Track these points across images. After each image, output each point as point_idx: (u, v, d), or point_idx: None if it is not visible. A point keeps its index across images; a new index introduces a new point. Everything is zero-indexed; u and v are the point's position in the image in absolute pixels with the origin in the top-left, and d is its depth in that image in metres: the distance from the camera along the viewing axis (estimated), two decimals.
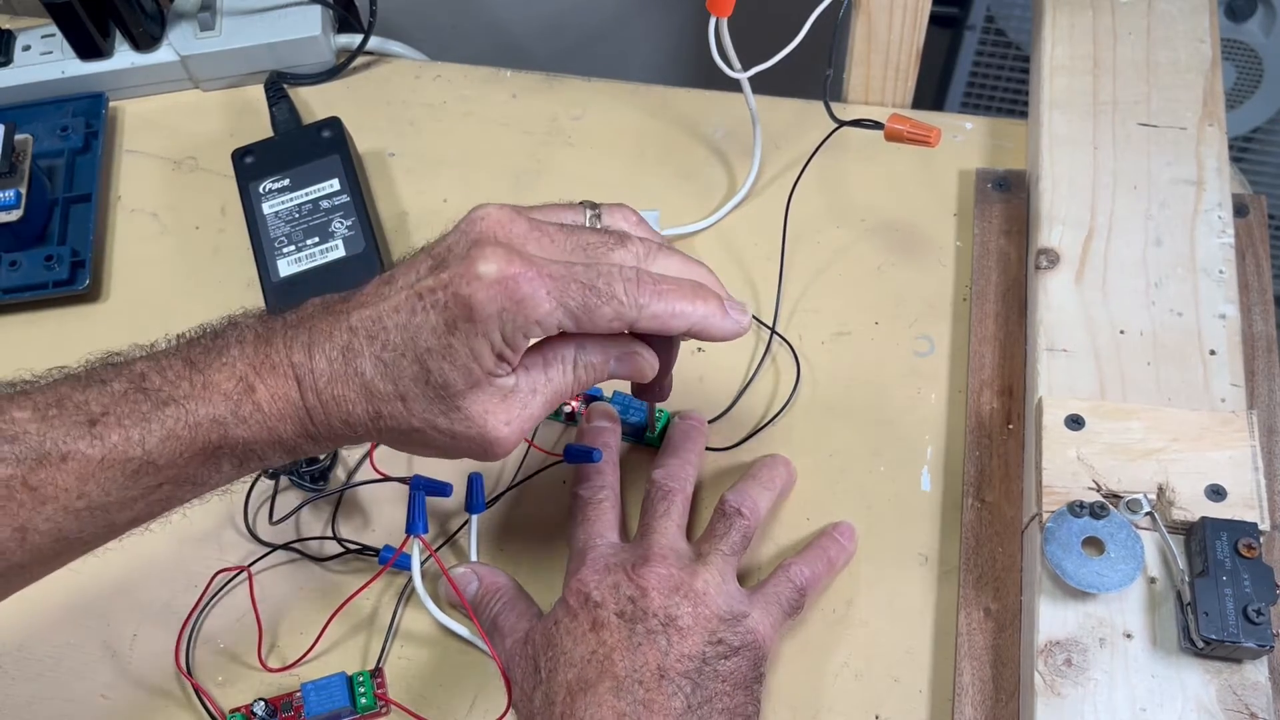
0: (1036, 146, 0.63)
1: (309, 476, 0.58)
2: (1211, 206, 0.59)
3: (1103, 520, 0.49)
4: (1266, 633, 0.46)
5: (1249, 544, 0.48)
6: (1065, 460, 0.52)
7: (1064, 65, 0.64)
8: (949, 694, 0.52)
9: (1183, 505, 0.50)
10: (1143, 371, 0.55)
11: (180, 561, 0.58)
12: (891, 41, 0.66)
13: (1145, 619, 0.49)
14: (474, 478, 0.55)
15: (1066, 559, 0.49)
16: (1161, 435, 0.52)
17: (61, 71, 0.71)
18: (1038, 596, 0.50)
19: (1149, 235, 0.59)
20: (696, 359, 0.62)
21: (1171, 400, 0.54)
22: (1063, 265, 0.58)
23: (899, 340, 0.62)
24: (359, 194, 0.64)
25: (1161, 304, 0.57)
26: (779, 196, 0.66)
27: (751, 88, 0.64)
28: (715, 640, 0.48)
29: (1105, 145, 0.62)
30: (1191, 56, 0.64)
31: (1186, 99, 0.63)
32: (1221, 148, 0.61)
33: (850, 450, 0.59)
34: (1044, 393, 0.55)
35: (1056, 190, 0.61)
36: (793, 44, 0.61)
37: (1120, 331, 0.56)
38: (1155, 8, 0.65)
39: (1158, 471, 0.51)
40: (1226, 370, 0.55)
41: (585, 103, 0.72)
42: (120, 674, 0.55)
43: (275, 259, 0.62)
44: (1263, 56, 0.98)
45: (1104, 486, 0.51)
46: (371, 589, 0.55)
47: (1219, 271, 0.57)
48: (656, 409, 0.58)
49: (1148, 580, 0.50)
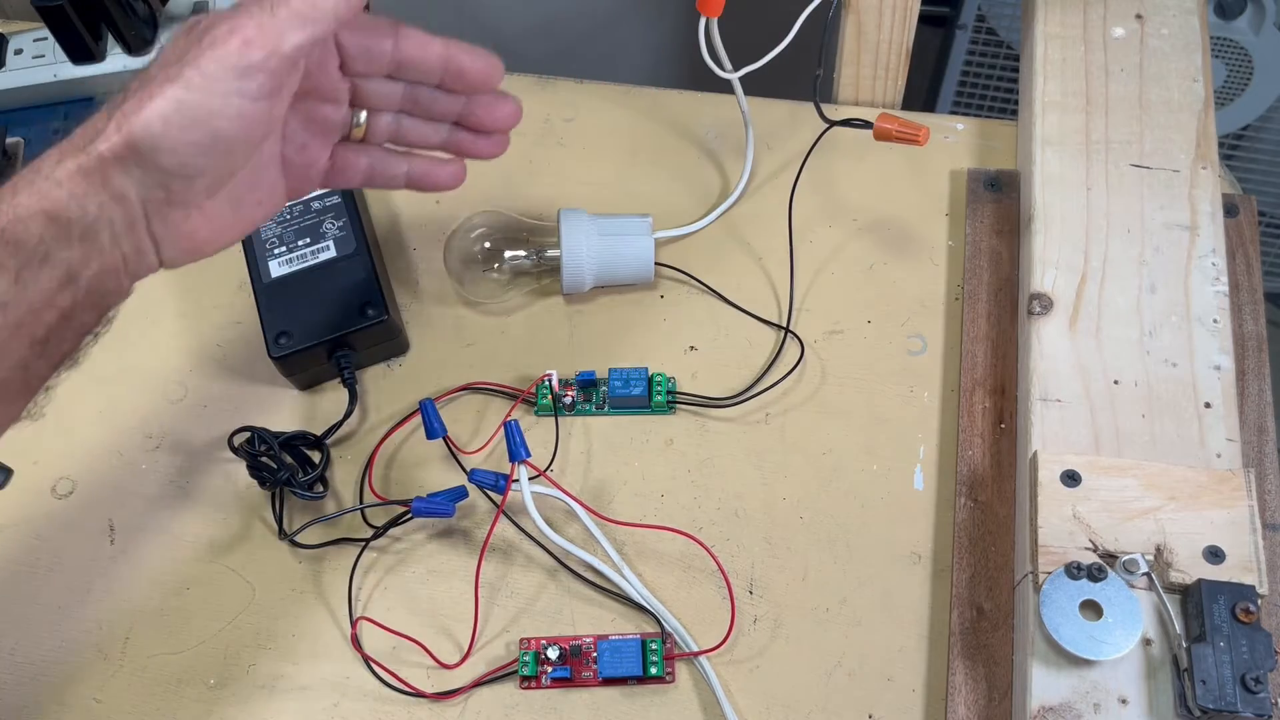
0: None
1: (306, 485, 0.57)
2: (1205, 253, 0.58)
3: (1101, 583, 0.48)
4: (1265, 702, 0.45)
5: (1247, 609, 0.47)
6: (1061, 518, 0.51)
7: (1056, 101, 0.63)
8: (942, 693, 0.53)
9: (1180, 567, 0.49)
10: (1137, 424, 0.54)
11: (175, 564, 0.58)
12: (881, 41, 0.66)
13: (1141, 685, 0.48)
14: (510, 425, 0.55)
15: (1064, 624, 0.48)
16: (1158, 493, 0.51)
17: (53, 75, 0.71)
18: (1030, 659, 0.49)
19: (1143, 281, 0.58)
20: (691, 357, 0.62)
21: (1167, 455, 0.53)
22: (1056, 311, 0.57)
23: (892, 339, 0.62)
24: (350, 194, 0.64)
25: (1156, 354, 0.56)
26: (773, 197, 0.67)
27: (742, 88, 0.64)
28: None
29: (1098, 186, 0.61)
30: (1184, 95, 0.63)
31: (1179, 140, 0.62)
32: (1215, 192, 0.60)
33: (844, 449, 0.59)
34: (1038, 445, 0.54)
35: (1049, 232, 0.60)
36: (783, 44, 0.61)
37: (1114, 382, 0.55)
38: (1148, 44, 0.65)
39: (1155, 531, 0.50)
40: (1222, 424, 0.54)
41: (577, 104, 0.72)
42: (112, 677, 0.55)
43: (266, 260, 0.62)
44: (1252, 54, 0.99)
45: (1100, 546, 0.50)
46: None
47: (1213, 321, 0.56)
48: (654, 374, 0.60)
49: (1144, 643, 0.49)
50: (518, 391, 0.61)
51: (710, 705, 0.53)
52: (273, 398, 0.62)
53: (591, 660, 0.54)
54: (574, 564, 0.56)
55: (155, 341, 0.64)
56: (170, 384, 0.63)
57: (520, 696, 0.54)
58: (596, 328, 0.64)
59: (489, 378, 0.62)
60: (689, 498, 0.58)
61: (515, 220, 0.64)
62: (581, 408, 0.61)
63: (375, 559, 0.57)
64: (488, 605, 0.56)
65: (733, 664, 0.54)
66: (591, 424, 0.61)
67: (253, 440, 0.58)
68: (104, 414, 0.62)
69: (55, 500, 0.60)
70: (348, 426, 0.60)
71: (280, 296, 0.61)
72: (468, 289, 0.63)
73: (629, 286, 0.64)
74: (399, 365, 0.63)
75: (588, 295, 0.64)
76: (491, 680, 0.54)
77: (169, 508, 0.59)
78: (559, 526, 0.56)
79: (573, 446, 0.60)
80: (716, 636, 0.54)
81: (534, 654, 0.54)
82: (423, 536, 0.58)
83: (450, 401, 0.62)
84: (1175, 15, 0.65)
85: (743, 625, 0.55)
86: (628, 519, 0.57)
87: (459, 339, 0.64)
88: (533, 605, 0.56)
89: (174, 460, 0.61)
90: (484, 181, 0.69)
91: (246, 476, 0.59)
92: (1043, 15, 0.66)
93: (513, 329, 0.64)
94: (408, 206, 0.68)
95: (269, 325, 0.60)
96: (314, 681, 0.54)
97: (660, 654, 0.53)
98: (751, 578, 0.56)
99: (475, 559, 0.56)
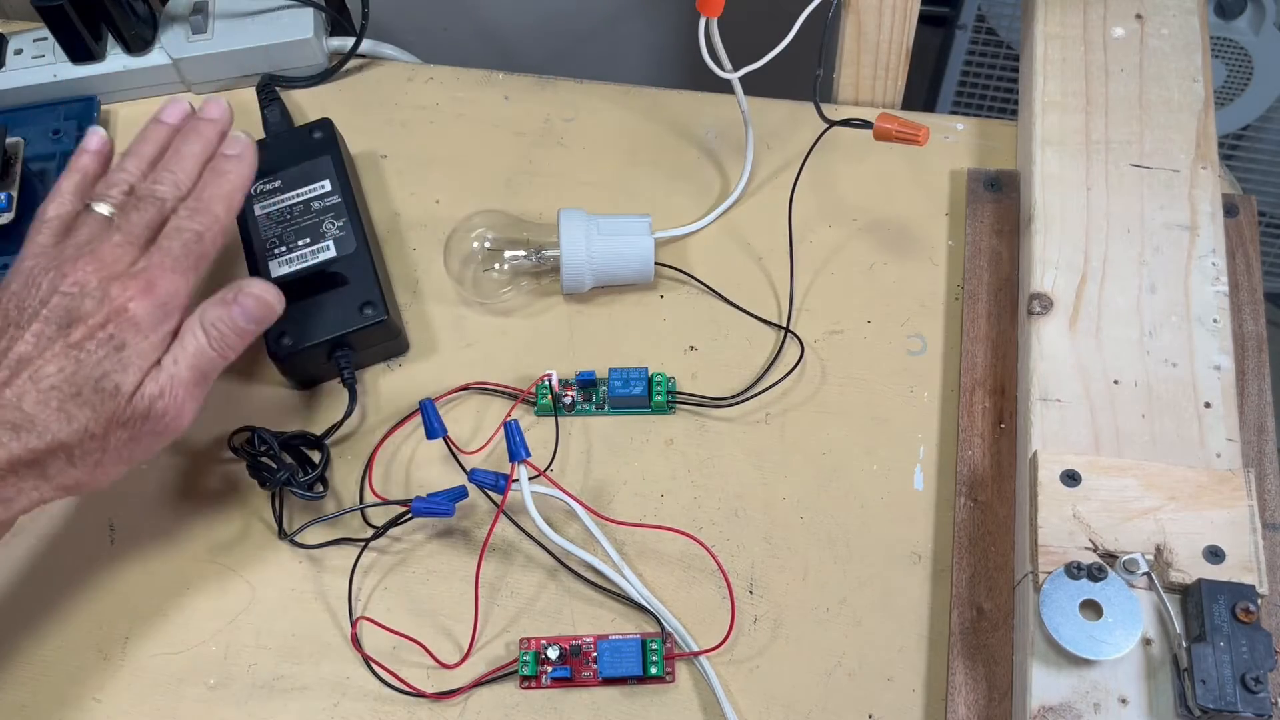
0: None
1: (306, 485, 0.57)
2: (1205, 253, 0.58)
3: (1101, 583, 0.48)
4: (1265, 702, 0.45)
5: (1247, 608, 0.47)
6: (1061, 518, 0.51)
7: (1056, 101, 0.63)
8: (942, 693, 0.53)
9: (1180, 567, 0.49)
10: (1137, 424, 0.54)
11: (175, 564, 0.58)
12: (881, 41, 0.66)
13: (1141, 684, 0.48)
14: (510, 425, 0.55)
15: (1064, 624, 0.48)
16: (1158, 493, 0.51)
17: (53, 75, 0.71)
18: (1030, 659, 0.49)
19: (1143, 282, 0.58)
20: (691, 357, 0.62)
21: (1167, 455, 0.53)
22: (1056, 311, 0.57)
23: (892, 339, 0.62)
24: (350, 195, 0.64)
25: (1156, 354, 0.56)
26: (773, 197, 0.67)
27: (742, 88, 0.64)
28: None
29: (1098, 186, 0.61)
30: (1184, 95, 0.63)
31: (1179, 140, 0.62)
32: (1215, 192, 0.60)
33: (844, 449, 0.59)
34: (1038, 445, 0.54)
35: (1049, 232, 0.60)
36: (783, 44, 0.61)
37: (1114, 382, 0.55)
38: (1148, 44, 0.65)
39: (1155, 531, 0.50)
40: (1222, 424, 0.54)
41: (577, 104, 0.72)
42: (112, 677, 0.55)
43: (266, 260, 0.62)
44: (1252, 54, 0.99)
45: (1100, 546, 0.50)
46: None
47: (1213, 320, 0.56)
48: (654, 374, 0.59)
49: (1144, 643, 0.49)
50: (518, 391, 0.61)
51: (710, 705, 0.53)
52: (273, 398, 0.62)
53: (591, 660, 0.54)
54: (574, 564, 0.56)
55: None
56: None
57: (520, 696, 0.54)
58: (596, 328, 0.64)
59: (489, 378, 0.62)
60: (689, 498, 0.58)
61: (515, 220, 0.64)
62: (581, 408, 0.61)
63: (375, 559, 0.57)
64: (488, 605, 0.56)
65: (733, 664, 0.54)
66: (591, 424, 0.61)
67: (253, 440, 0.58)
68: None
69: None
70: (348, 426, 0.60)
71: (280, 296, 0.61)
72: (468, 289, 0.63)
73: (629, 286, 0.64)
74: (399, 365, 0.63)
75: (588, 295, 0.64)
76: (491, 680, 0.54)
77: (169, 508, 0.59)
78: (559, 526, 0.56)
79: (573, 446, 0.60)
80: (716, 636, 0.54)
81: (534, 654, 0.54)
82: (423, 536, 0.58)
83: (450, 401, 0.62)
84: (1175, 15, 0.65)
85: (743, 625, 0.55)
86: (628, 519, 0.57)
87: (459, 339, 0.64)
88: (533, 605, 0.56)
89: (174, 460, 0.61)
90: (484, 181, 0.69)
91: (246, 476, 0.59)
92: (1043, 15, 0.66)
93: (513, 329, 0.64)
94: (408, 206, 0.68)
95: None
96: (314, 681, 0.54)
97: (660, 654, 0.53)
98: (751, 578, 0.56)
99: (475, 559, 0.56)
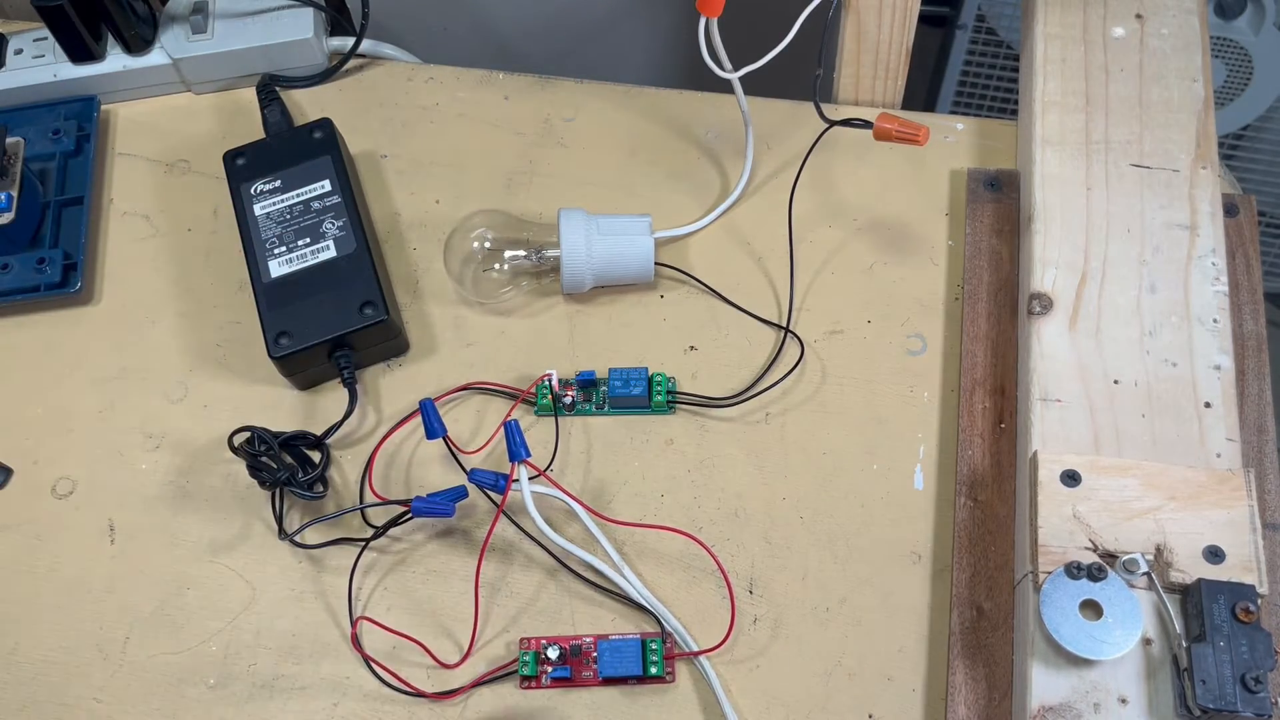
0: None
1: (306, 485, 0.57)
2: (1205, 252, 0.58)
3: (1101, 583, 0.48)
4: (1265, 701, 0.45)
5: (1246, 608, 0.47)
6: (1061, 518, 0.51)
7: (1056, 101, 0.63)
8: (942, 693, 0.53)
9: (1180, 567, 0.49)
10: (1137, 424, 0.54)
11: (175, 564, 0.58)
12: (881, 41, 0.66)
13: (1141, 684, 0.48)
14: (510, 425, 0.55)
15: (1064, 624, 0.48)
16: (1158, 493, 0.51)
17: (53, 75, 0.71)
18: (1030, 659, 0.49)
19: (1143, 281, 0.58)
20: (691, 357, 0.62)
21: (1167, 455, 0.53)
22: (1056, 311, 0.57)
23: (892, 339, 0.62)
24: (350, 194, 0.64)
25: (1156, 354, 0.56)
26: (773, 197, 0.67)
27: (742, 88, 0.64)
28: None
29: (1098, 186, 0.61)
30: (1184, 95, 0.63)
31: (1180, 140, 0.62)
32: (1215, 192, 0.60)
33: (844, 449, 0.59)
34: (1038, 445, 0.54)
35: (1049, 232, 0.60)
36: (782, 44, 0.61)
37: (1114, 381, 0.55)
38: (1148, 44, 0.65)
39: (1155, 531, 0.50)
40: (1222, 424, 0.54)
41: (577, 104, 0.72)
42: (112, 677, 0.55)
43: (266, 260, 0.62)
44: (1252, 55, 0.99)
45: (1100, 546, 0.50)
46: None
47: (1213, 320, 0.56)
48: (654, 374, 0.60)
49: (1144, 643, 0.49)
50: (518, 391, 0.61)
51: (710, 705, 0.53)
52: (273, 398, 0.62)
53: (591, 660, 0.54)
54: (574, 564, 0.56)
55: (155, 341, 0.64)
56: (170, 384, 0.63)
57: (520, 696, 0.54)
58: (596, 328, 0.64)
59: (489, 377, 0.62)
60: (689, 498, 0.58)
61: (515, 220, 0.64)
62: (581, 407, 0.61)
63: (375, 559, 0.57)
64: (488, 605, 0.56)
65: (733, 664, 0.54)
66: (591, 424, 0.61)
67: (253, 440, 0.58)
68: (104, 414, 0.62)
69: (55, 500, 0.60)
70: (348, 426, 0.60)
71: (280, 296, 0.61)
72: (468, 289, 0.63)
73: (629, 286, 0.64)
74: (399, 365, 0.63)
75: (588, 295, 0.64)
76: (491, 680, 0.54)
77: (169, 508, 0.59)
78: (559, 526, 0.56)
79: (573, 446, 0.60)
80: (716, 636, 0.54)
81: (534, 654, 0.54)
82: (423, 536, 0.58)
83: (450, 401, 0.62)
84: (1175, 15, 0.65)
85: (743, 625, 0.55)
86: (628, 519, 0.57)
87: (459, 339, 0.64)
88: (533, 605, 0.56)
89: (174, 460, 0.61)
90: (484, 181, 0.69)
91: (246, 476, 0.59)
92: (1043, 15, 0.66)
93: (513, 329, 0.64)
94: (408, 206, 0.68)
95: (269, 325, 0.60)
96: (314, 681, 0.54)
97: (660, 654, 0.53)
98: (751, 578, 0.56)
99: (475, 559, 0.56)
